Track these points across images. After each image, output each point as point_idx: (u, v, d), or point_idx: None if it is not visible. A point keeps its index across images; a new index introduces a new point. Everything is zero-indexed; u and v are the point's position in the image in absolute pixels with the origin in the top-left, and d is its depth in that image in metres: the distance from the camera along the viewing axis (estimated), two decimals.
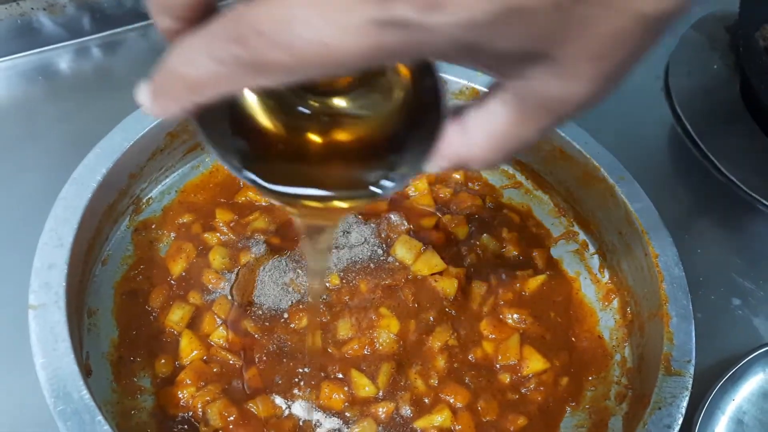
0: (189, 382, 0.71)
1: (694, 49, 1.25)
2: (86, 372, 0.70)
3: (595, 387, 0.78)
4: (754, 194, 1.03)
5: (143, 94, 0.34)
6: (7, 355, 0.74)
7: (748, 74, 1.12)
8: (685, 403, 0.64)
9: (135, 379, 0.72)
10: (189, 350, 0.74)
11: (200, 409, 0.70)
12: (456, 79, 0.90)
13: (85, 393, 0.58)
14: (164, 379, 0.72)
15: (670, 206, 0.84)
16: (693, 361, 0.68)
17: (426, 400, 0.74)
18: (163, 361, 0.73)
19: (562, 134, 0.85)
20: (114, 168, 0.74)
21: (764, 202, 1.03)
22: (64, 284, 0.65)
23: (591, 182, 0.84)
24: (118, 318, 0.76)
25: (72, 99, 1.05)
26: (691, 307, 0.72)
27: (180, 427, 0.70)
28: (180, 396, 0.71)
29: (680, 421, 0.63)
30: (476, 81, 0.90)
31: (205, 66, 0.30)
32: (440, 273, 0.83)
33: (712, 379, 0.78)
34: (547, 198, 0.93)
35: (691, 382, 0.66)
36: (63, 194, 0.71)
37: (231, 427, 0.69)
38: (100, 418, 0.57)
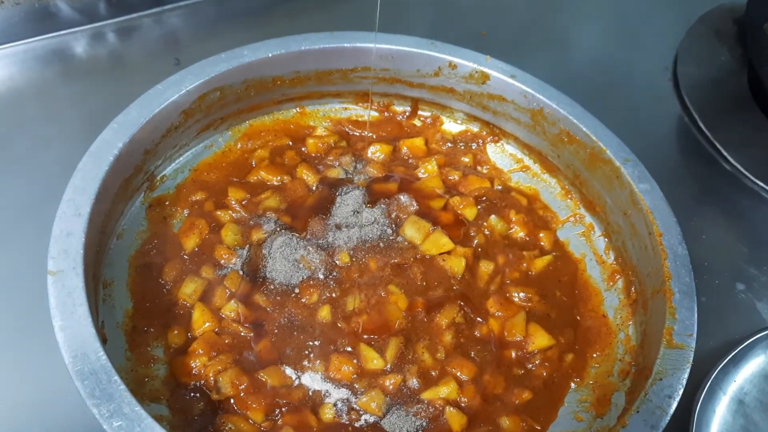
0: (201, 352, 0.73)
1: (702, 41, 1.26)
2: (102, 340, 0.71)
3: (599, 364, 0.79)
4: (760, 182, 1.04)
5: None
6: (27, 321, 0.76)
7: (756, 66, 1.13)
8: (686, 375, 0.66)
9: (149, 349, 0.74)
10: (201, 322, 0.75)
11: (212, 378, 0.71)
12: (466, 62, 0.91)
13: (102, 354, 0.60)
14: (177, 349, 0.74)
15: (676, 193, 0.85)
16: (695, 335, 0.69)
17: (433, 373, 0.75)
18: (176, 332, 0.75)
19: (570, 117, 0.87)
20: (130, 143, 0.76)
21: None
22: (81, 252, 0.66)
23: (597, 164, 0.86)
24: (132, 290, 0.78)
25: (87, 81, 1.08)
26: (693, 284, 0.73)
27: (192, 394, 0.71)
28: (192, 365, 0.72)
29: (680, 392, 0.64)
30: (485, 65, 0.91)
31: None
32: (448, 252, 0.84)
33: (715, 361, 0.79)
34: (554, 181, 0.95)
35: (692, 355, 0.67)
36: (81, 165, 0.73)
37: (242, 395, 0.71)
38: (116, 378, 0.59)
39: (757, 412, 0.80)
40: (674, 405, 0.63)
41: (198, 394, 0.71)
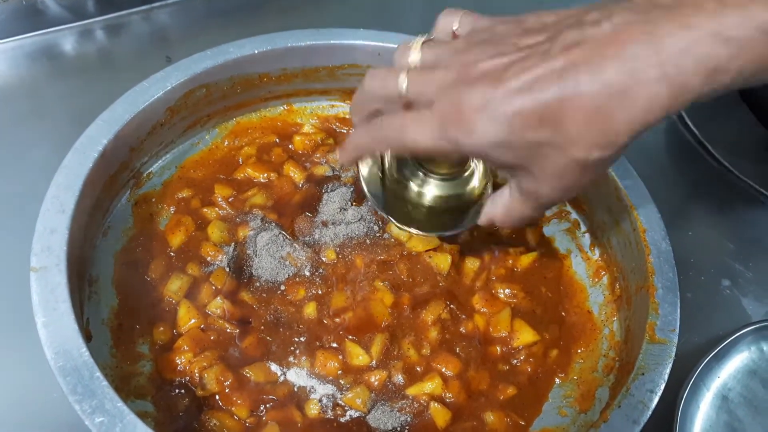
0: (186, 348, 0.73)
1: None
2: (87, 337, 0.72)
3: (584, 359, 0.79)
4: (746, 180, 1.05)
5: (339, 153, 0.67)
6: (9, 317, 0.76)
7: None
8: (668, 370, 0.66)
9: (134, 346, 0.74)
10: (187, 319, 0.75)
11: (197, 374, 0.72)
12: None
13: (85, 351, 0.60)
14: (162, 346, 0.74)
15: (663, 190, 0.85)
16: (677, 330, 0.69)
17: (418, 369, 0.76)
18: (161, 328, 0.75)
19: None
20: (115, 139, 0.76)
21: (756, 188, 1.04)
22: (65, 248, 0.66)
23: None
24: (118, 287, 0.78)
25: (75, 79, 1.08)
26: (677, 280, 0.73)
27: (177, 391, 0.71)
28: (177, 362, 0.72)
29: (662, 387, 0.65)
30: None
31: (362, 138, 0.65)
32: (434, 249, 0.85)
33: (699, 357, 0.80)
34: None
35: (674, 350, 0.68)
36: (65, 162, 0.73)
37: (227, 391, 0.71)
38: (98, 374, 0.59)
39: (741, 408, 0.81)
40: (656, 399, 0.64)
41: (183, 391, 0.71)
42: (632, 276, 0.78)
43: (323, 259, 0.83)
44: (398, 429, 0.71)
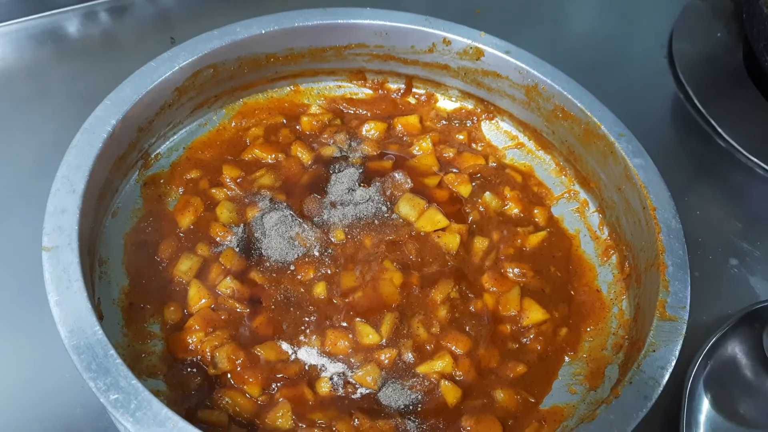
0: (197, 328, 0.73)
1: (698, 18, 1.25)
2: (99, 317, 0.71)
3: (593, 338, 0.79)
4: (754, 158, 1.05)
5: None
6: (20, 300, 0.77)
7: (751, 41, 1.13)
8: (678, 347, 0.66)
9: (145, 325, 0.74)
10: (197, 299, 0.75)
11: (209, 353, 0.72)
12: (460, 38, 0.91)
13: (98, 329, 0.60)
14: (173, 325, 0.74)
15: (671, 170, 0.85)
16: (688, 308, 0.69)
17: (428, 347, 0.76)
18: (172, 308, 0.75)
19: (565, 93, 0.87)
20: (124, 120, 0.76)
21: (764, 166, 1.04)
22: (76, 228, 0.66)
23: (592, 140, 0.86)
24: (128, 267, 0.78)
25: (80, 61, 1.07)
26: (687, 258, 0.73)
27: (189, 370, 0.72)
28: (189, 341, 0.73)
29: (673, 363, 0.65)
30: (480, 41, 0.91)
31: None
32: (443, 229, 0.84)
33: (707, 335, 0.80)
34: (548, 158, 0.95)
35: (685, 327, 0.68)
36: (75, 143, 0.72)
37: (239, 369, 0.71)
38: (112, 351, 0.59)
39: (749, 386, 0.81)
40: (667, 376, 0.64)
41: (195, 369, 0.72)
42: (642, 254, 0.78)
43: (332, 239, 0.82)
44: (409, 406, 0.72)
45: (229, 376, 0.71)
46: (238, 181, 0.87)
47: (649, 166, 0.79)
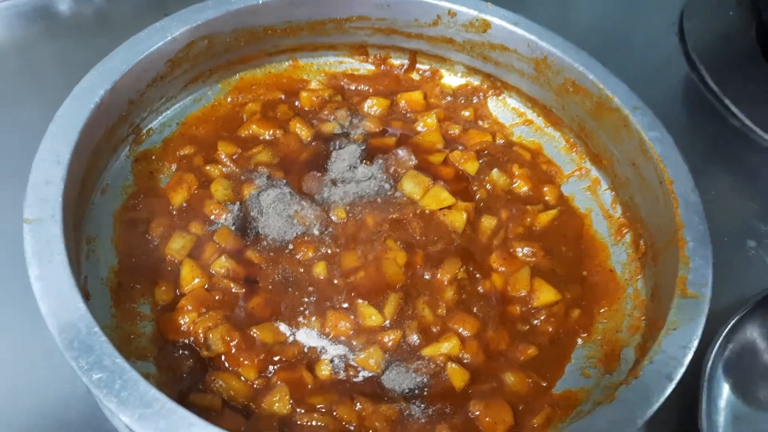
0: (190, 308, 0.70)
1: None
2: (85, 296, 0.68)
3: (607, 319, 0.76)
4: None
5: None
6: (3, 273, 0.73)
7: (765, 19, 1.09)
8: (701, 325, 0.62)
9: (135, 306, 0.71)
10: (190, 278, 0.72)
11: (201, 335, 0.68)
12: (466, 9, 0.87)
13: (81, 305, 0.56)
14: (164, 306, 0.71)
15: (684, 151, 0.80)
16: (710, 285, 0.65)
17: (434, 329, 0.72)
18: (163, 288, 0.72)
19: (576, 65, 0.83)
20: (113, 90, 0.72)
21: None
22: (60, 200, 0.63)
23: (604, 114, 0.82)
24: (117, 246, 0.74)
25: (71, 39, 1.03)
26: (707, 233, 0.69)
27: (180, 352, 0.68)
28: (181, 322, 0.69)
29: (696, 343, 0.61)
30: (487, 13, 0.87)
31: None
32: (449, 207, 0.81)
33: (726, 317, 0.76)
34: (558, 135, 0.91)
35: (707, 305, 0.64)
36: (61, 112, 0.69)
37: (233, 351, 0.67)
38: (96, 329, 0.55)
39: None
40: (689, 355, 0.60)
41: (187, 352, 0.68)
42: (659, 231, 0.74)
43: (333, 218, 0.79)
44: (414, 390, 0.68)
45: (223, 358, 0.67)
46: (234, 157, 0.83)
47: (665, 139, 0.76)
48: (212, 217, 0.77)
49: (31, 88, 0.95)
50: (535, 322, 0.75)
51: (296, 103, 0.90)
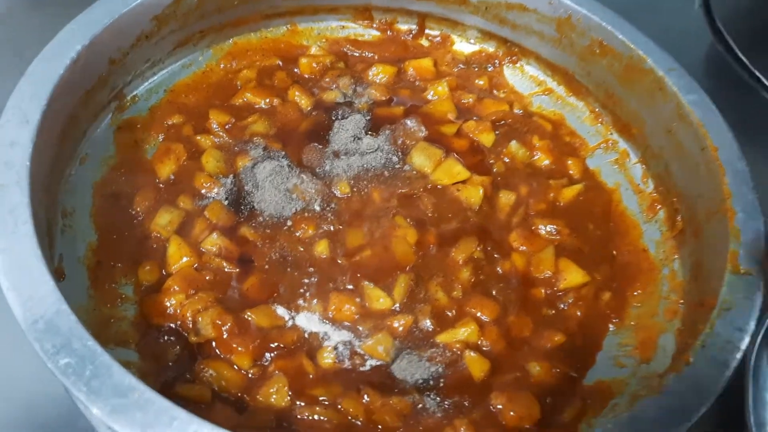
0: (177, 289, 0.63)
1: None
2: (59, 275, 0.61)
3: (641, 303, 0.68)
4: None
5: None
6: None
7: None
8: (758, 305, 0.55)
9: (115, 286, 0.64)
10: (178, 257, 0.65)
11: (190, 318, 0.61)
12: None
13: (49, 279, 0.49)
14: (149, 286, 0.64)
15: None
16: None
17: (449, 314, 0.65)
18: (147, 267, 0.65)
19: (603, 23, 0.76)
20: (91, 46, 0.65)
21: None
22: (28, 164, 0.55)
23: (635, 77, 0.75)
24: (97, 221, 0.67)
25: (53, 9, 0.96)
26: (757, 203, 0.62)
27: (166, 338, 0.61)
28: (167, 304, 0.62)
29: (753, 325, 0.54)
30: None
31: None
32: (463, 182, 0.74)
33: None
34: (582, 105, 0.83)
35: (762, 282, 0.56)
36: (31, 69, 0.62)
37: (225, 336, 0.60)
38: (65, 307, 0.48)
39: None
40: (747, 339, 0.53)
41: (173, 337, 0.61)
42: (700, 203, 0.67)
43: (336, 192, 0.72)
44: (428, 381, 0.61)
45: (213, 344, 0.61)
46: (227, 127, 0.76)
47: (704, 102, 0.69)
48: (203, 190, 0.71)
49: (11, 61, 0.88)
50: (562, 306, 0.67)
51: (295, 70, 0.83)
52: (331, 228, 0.69)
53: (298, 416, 0.57)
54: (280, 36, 0.86)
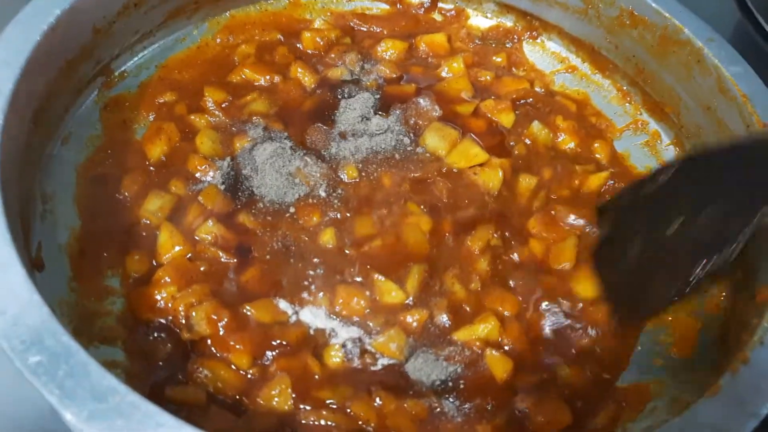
0: (169, 281, 0.58)
1: None
2: (36, 266, 0.55)
3: None
4: None
5: None
6: None
7: None
8: None
9: (101, 278, 0.59)
10: (169, 245, 0.60)
11: (182, 313, 0.56)
12: None
13: (18, 267, 0.44)
14: (137, 278, 0.59)
15: None
16: None
17: (467, 308, 0.60)
18: (136, 257, 0.60)
19: None
20: (72, 11, 0.60)
21: None
22: None
23: (670, 49, 0.69)
24: (80, 205, 0.62)
25: None
26: None
27: (156, 334, 0.56)
28: (157, 298, 0.57)
29: None
30: None
31: None
32: (481, 165, 0.69)
33: None
34: (608, 83, 0.78)
35: None
36: (4, 35, 0.56)
37: (222, 333, 0.55)
38: (37, 297, 0.42)
39: None
40: None
41: (164, 334, 0.57)
42: None
43: (342, 177, 0.67)
44: (446, 382, 0.56)
45: (209, 342, 0.56)
46: (224, 106, 0.72)
47: (749, 75, 0.64)
48: (197, 174, 0.66)
49: None
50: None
51: (297, 45, 0.78)
52: (338, 215, 0.65)
53: (303, 421, 0.53)
54: (281, 9, 0.81)
